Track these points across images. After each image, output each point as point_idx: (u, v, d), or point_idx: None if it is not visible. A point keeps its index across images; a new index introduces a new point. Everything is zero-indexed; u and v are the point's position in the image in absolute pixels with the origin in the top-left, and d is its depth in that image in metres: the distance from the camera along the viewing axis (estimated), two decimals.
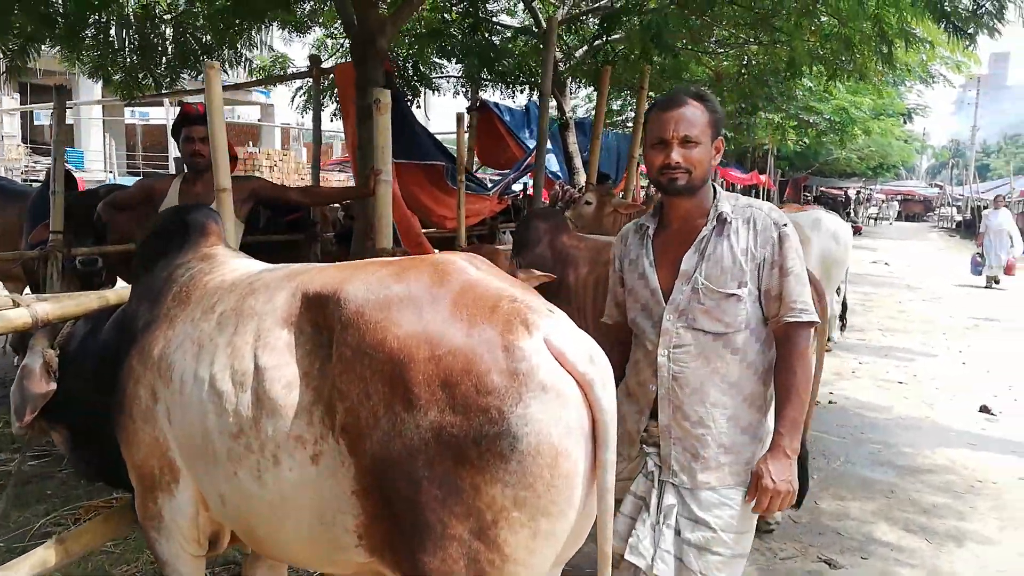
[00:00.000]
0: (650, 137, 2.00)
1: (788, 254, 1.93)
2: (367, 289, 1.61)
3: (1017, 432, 5.46)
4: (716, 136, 2.00)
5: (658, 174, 1.98)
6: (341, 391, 1.57)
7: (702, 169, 1.97)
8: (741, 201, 2.04)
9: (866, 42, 6.13)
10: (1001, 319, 10.51)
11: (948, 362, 7.70)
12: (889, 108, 16.37)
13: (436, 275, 1.62)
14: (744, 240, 1.96)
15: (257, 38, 8.38)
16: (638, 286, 2.09)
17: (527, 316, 1.53)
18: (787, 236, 1.95)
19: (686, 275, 1.98)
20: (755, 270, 1.96)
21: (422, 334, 1.51)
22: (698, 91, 2.00)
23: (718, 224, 1.99)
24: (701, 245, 1.98)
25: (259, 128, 26.33)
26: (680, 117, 1.94)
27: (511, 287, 1.64)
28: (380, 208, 3.66)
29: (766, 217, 1.98)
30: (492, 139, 9.72)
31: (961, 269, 15.83)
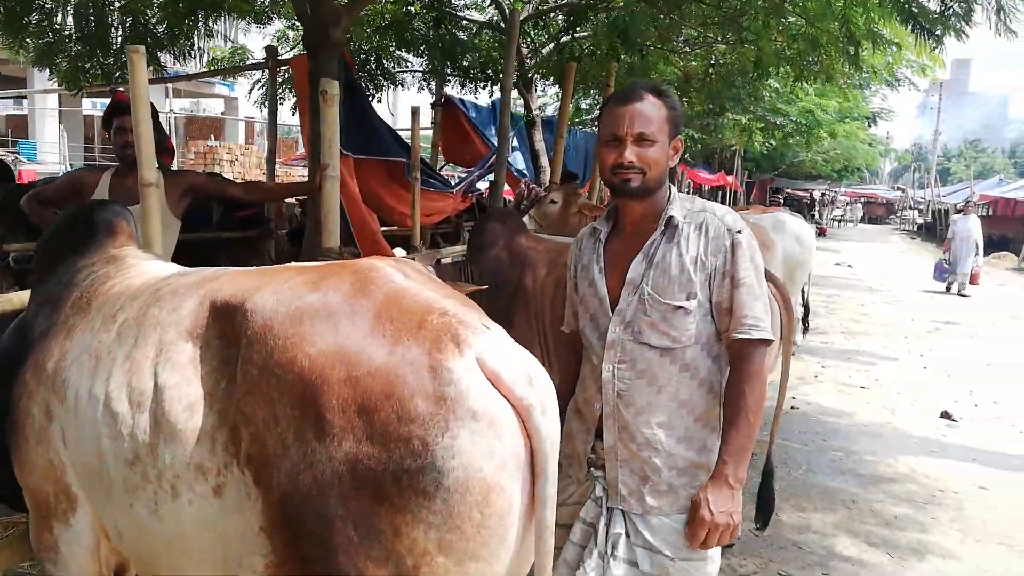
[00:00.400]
0: (603, 133, 1.85)
1: (741, 263, 1.78)
2: (277, 300, 1.42)
3: (977, 439, 5.44)
4: (674, 134, 1.85)
5: (610, 173, 1.83)
6: (246, 415, 1.39)
7: (657, 170, 1.81)
8: (696, 205, 1.89)
9: (833, 43, 6.07)
10: (961, 323, 10.60)
11: (910, 366, 7.70)
12: (854, 111, 16.52)
13: (357, 284, 1.43)
14: (695, 247, 1.81)
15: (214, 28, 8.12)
16: (588, 294, 1.94)
17: (458, 332, 1.35)
18: (740, 244, 1.79)
19: (632, 284, 1.84)
20: (706, 280, 1.80)
21: (338, 352, 1.33)
22: (656, 85, 1.86)
23: (668, 229, 1.84)
24: (650, 251, 1.84)
25: (222, 121, 25.76)
26: (636, 112, 1.79)
27: (443, 298, 1.46)
28: (327, 205, 3.47)
29: (719, 223, 1.82)
30: (457, 135, 9.52)
31: (923, 272, 16.03)
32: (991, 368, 7.75)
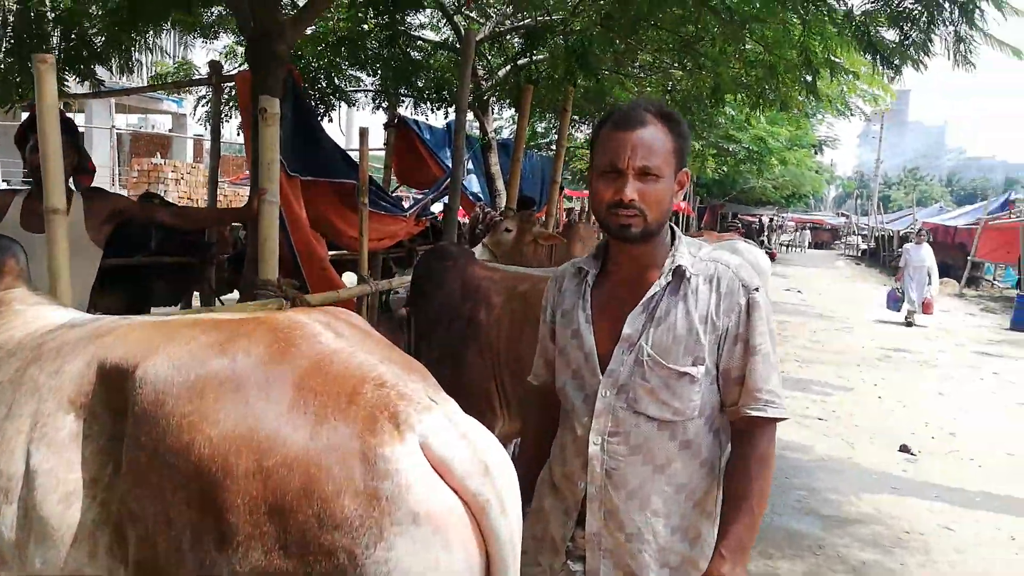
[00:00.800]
0: (599, 161, 1.55)
1: (757, 327, 1.53)
2: (173, 366, 1.16)
3: (937, 474, 5.36)
4: (680, 167, 1.58)
5: (606, 212, 1.54)
6: (133, 512, 1.12)
7: (661, 210, 1.54)
8: (704, 252, 1.62)
9: (791, 71, 6.03)
10: (911, 350, 10.71)
11: (864, 396, 7.67)
12: (803, 139, 16.85)
13: (275, 346, 1.17)
14: (705, 304, 1.55)
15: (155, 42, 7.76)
16: (570, 346, 1.66)
17: (398, 408, 1.10)
18: (757, 305, 1.54)
19: (629, 341, 1.56)
20: (715, 343, 1.55)
21: (246, 435, 1.07)
22: (662, 107, 1.58)
23: (674, 279, 1.57)
24: (651, 305, 1.57)
25: (170, 139, 25.01)
26: (639, 141, 1.51)
27: (380, 363, 1.20)
28: (264, 232, 3.19)
29: (733, 277, 1.56)
30: (410, 157, 9.30)
31: (870, 298, 16.30)
32: (943, 397, 7.78)
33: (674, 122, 1.57)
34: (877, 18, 5.04)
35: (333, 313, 1.37)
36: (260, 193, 3.19)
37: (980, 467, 5.56)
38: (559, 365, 1.70)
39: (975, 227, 19.98)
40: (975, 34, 4.68)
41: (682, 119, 1.60)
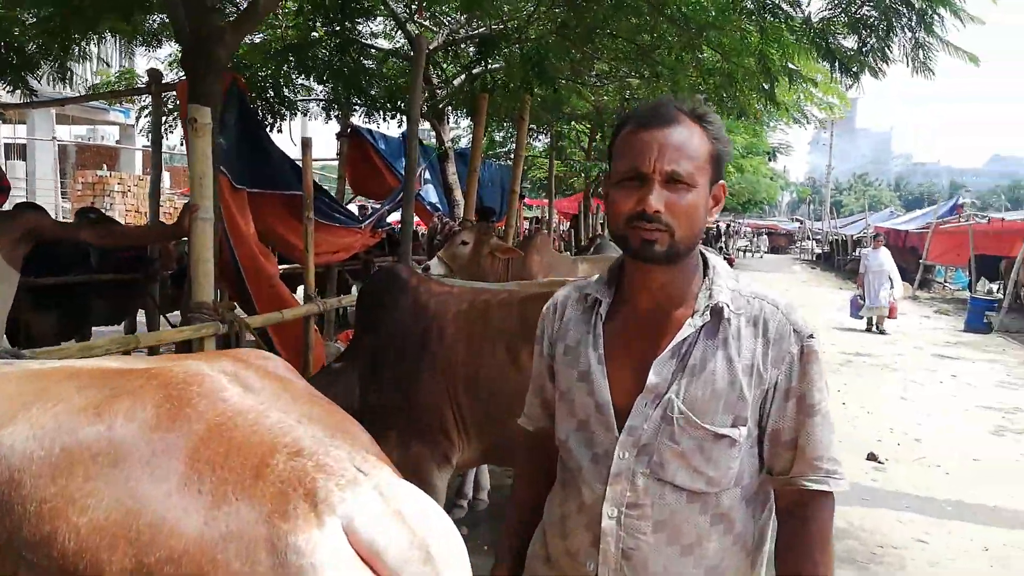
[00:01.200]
0: (618, 167, 1.29)
1: (814, 381, 1.28)
2: (35, 436, 0.93)
3: (906, 482, 5.30)
4: (717, 178, 1.31)
5: (625, 225, 1.27)
6: None
7: (692, 227, 1.26)
8: (743, 285, 1.35)
9: (749, 78, 5.98)
10: (871, 354, 10.78)
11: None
12: (758, 146, 17.01)
13: (166, 406, 0.96)
14: (749, 351, 1.28)
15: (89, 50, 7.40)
16: (577, 391, 1.36)
17: (316, 485, 0.89)
18: (814, 354, 1.29)
19: (655, 392, 1.28)
20: (760, 399, 1.29)
21: (122, 524, 0.85)
22: (696, 106, 1.32)
23: (712, 319, 1.30)
24: (683, 349, 1.29)
25: (117, 150, 24.26)
26: (668, 141, 1.25)
27: (300, 423, 0.99)
28: (197, 252, 2.94)
29: (783, 320, 1.30)
30: (365, 168, 9.06)
31: (825, 301, 16.47)
32: (906, 402, 7.79)
33: (710, 123, 1.30)
34: (835, 25, 5.00)
35: (245, 360, 1.15)
36: (191, 210, 2.95)
37: (947, 474, 5.51)
38: (561, 412, 1.41)
39: (926, 231, 20.39)
40: (933, 41, 4.66)
41: (720, 121, 1.34)
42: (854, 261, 30.12)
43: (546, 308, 1.51)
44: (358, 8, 6.93)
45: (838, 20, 4.76)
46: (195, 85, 4.32)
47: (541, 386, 1.51)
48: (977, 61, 5.06)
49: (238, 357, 1.19)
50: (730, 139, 1.36)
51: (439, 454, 2.92)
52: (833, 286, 23.52)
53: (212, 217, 2.98)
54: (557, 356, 1.44)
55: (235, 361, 1.13)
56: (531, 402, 1.55)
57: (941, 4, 4.28)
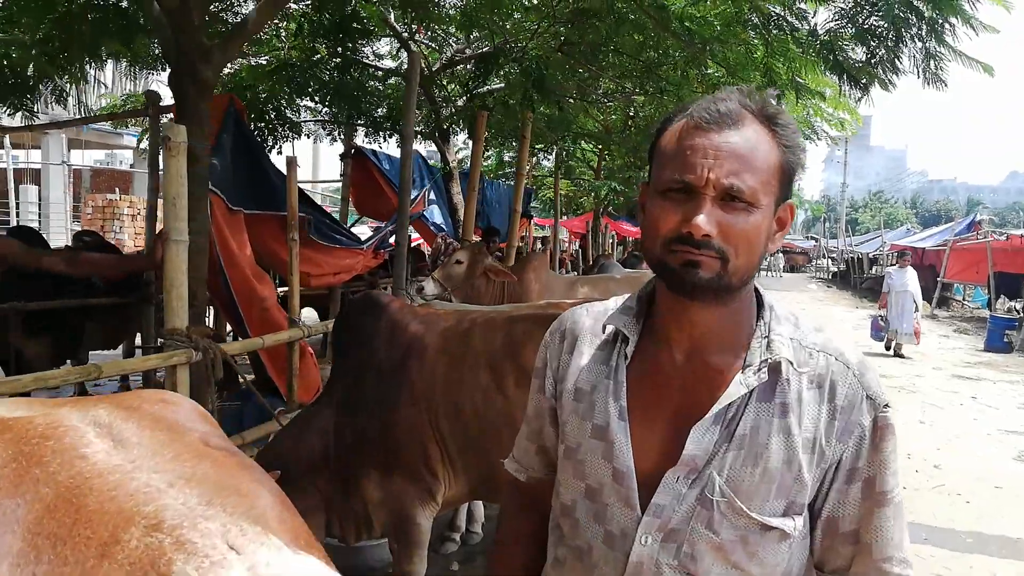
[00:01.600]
0: (661, 173, 1.04)
1: (887, 464, 1.04)
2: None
3: (924, 513, 5.05)
4: (785, 196, 1.06)
5: (663, 249, 1.02)
6: None
7: (750, 257, 1.02)
8: (806, 332, 1.09)
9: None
10: (888, 375, 10.48)
11: None
12: None
13: (12, 466, 0.80)
14: (812, 421, 1.03)
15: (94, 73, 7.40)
16: (590, 451, 1.11)
17: (171, 569, 0.71)
18: (889, 428, 1.05)
19: (692, 465, 1.03)
20: (818, 479, 1.04)
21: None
22: (765, 103, 1.05)
23: (770, 377, 1.04)
24: (729, 413, 1.03)
25: (131, 174, 24.44)
26: (727, 147, 0.99)
27: (172, 486, 0.83)
28: (169, 278, 2.81)
29: (855, 383, 1.05)
30: (369, 188, 8.99)
31: (840, 319, 16.16)
32: (924, 427, 7.52)
33: (782, 126, 1.04)
34: (842, 36, 4.85)
35: (132, 406, 0.99)
36: (164, 236, 2.83)
37: (968, 503, 5.26)
38: (565, 471, 1.14)
39: (943, 248, 20.07)
40: (944, 51, 4.49)
41: (794, 123, 1.07)
42: (870, 279, 29.84)
43: (550, 334, 1.24)
44: (358, 29, 6.88)
45: (845, 31, 4.61)
46: (183, 105, 4.23)
47: (539, 430, 1.25)
48: (992, 71, 4.88)
49: (124, 403, 1.01)
50: (805, 148, 1.09)
51: (422, 490, 2.75)
52: (849, 305, 23.18)
53: (186, 240, 2.85)
54: (564, 399, 1.17)
55: (115, 409, 0.96)
56: (523, 446, 1.29)
57: (952, 13, 4.13)
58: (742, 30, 5.30)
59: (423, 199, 9.37)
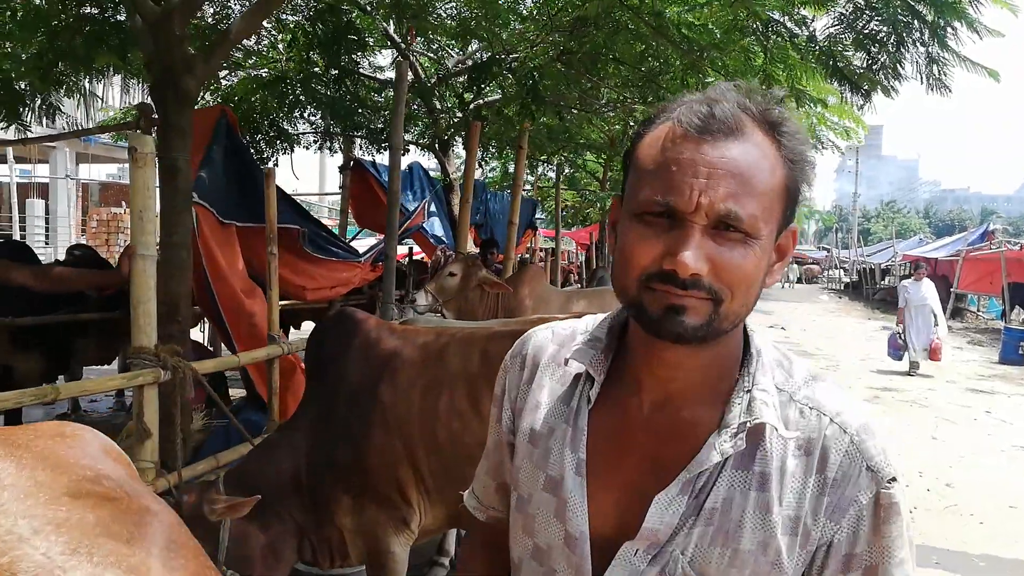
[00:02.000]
0: (639, 190, 0.86)
1: (893, 552, 0.86)
2: None
3: (936, 535, 4.86)
4: (788, 220, 0.89)
5: (641, 288, 0.85)
6: None
7: (747, 297, 0.85)
8: (798, 382, 0.92)
9: None
10: (900, 389, 10.28)
11: None
12: None
13: None
14: (795, 494, 0.87)
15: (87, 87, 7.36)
16: (541, 505, 0.96)
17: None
18: (894, 507, 0.87)
19: (652, 540, 0.88)
20: (804, 563, 0.88)
21: None
22: (767, 107, 0.86)
23: (749, 441, 0.88)
24: (699, 484, 0.88)
25: None
26: (724, 165, 0.82)
27: (36, 533, 0.75)
28: (136, 294, 2.70)
29: (852, 451, 0.87)
30: (368, 200, 8.92)
31: (852, 331, 15.92)
32: (937, 443, 7.31)
33: (787, 134, 0.86)
34: (842, 42, 4.72)
35: (17, 443, 0.90)
36: (130, 251, 2.73)
37: (981, 523, 5.07)
38: (516, 523, 1.00)
39: (956, 259, 19.80)
40: (948, 56, 4.35)
41: (801, 129, 0.88)
42: (883, 290, 29.54)
43: (510, 357, 1.08)
44: (354, 40, 6.81)
45: (845, 37, 4.48)
46: (165, 117, 4.15)
47: (498, 464, 1.10)
48: (997, 76, 4.72)
49: (12, 440, 0.92)
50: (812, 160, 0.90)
51: (397, 519, 2.62)
52: (861, 316, 22.90)
53: (154, 254, 2.75)
54: (519, 439, 1.02)
55: (8, 447, 0.88)
56: (483, 482, 1.14)
57: (955, 16, 3.99)
58: (741, 37, 5.18)
59: (423, 211, 9.28)
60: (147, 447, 2.70)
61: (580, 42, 6.28)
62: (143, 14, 3.93)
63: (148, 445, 2.70)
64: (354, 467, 2.56)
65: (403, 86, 4.30)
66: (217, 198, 4.93)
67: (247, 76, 7.88)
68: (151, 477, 2.69)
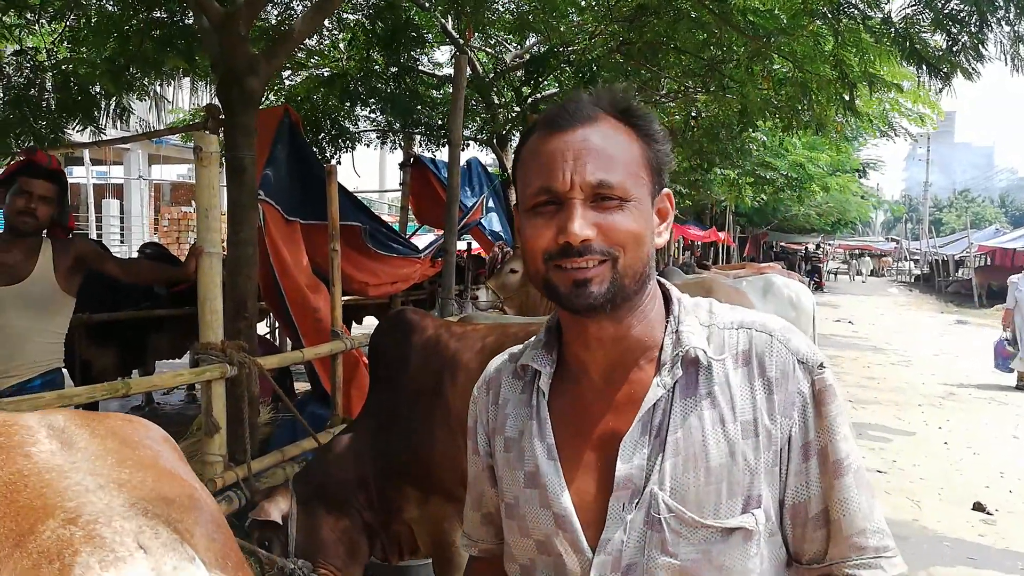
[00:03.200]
0: (527, 190, 0.97)
1: (836, 428, 0.95)
2: None
3: (1018, 538, 4.62)
4: (659, 186, 0.99)
5: (546, 267, 0.95)
6: None
7: (639, 253, 0.95)
8: (721, 315, 1.02)
9: (825, 88, 5.49)
10: (976, 384, 9.83)
11: (929, 443, 6.89)
12: (845, 164, 16.14)
13: None
14: (747, 401, 0.95)
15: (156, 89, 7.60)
16: (527, 502, 1.01)
17: (75, 560, 0.74)
18: (829, 390, 0.96)
19: (629, 486, 0.94)
20: (773, 464, 0.94)
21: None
22: (615, 94, 0.99)
23: (685, 373, 0.97)
24: (655, 420, 0.95)
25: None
26: (586, 145, 0.93)
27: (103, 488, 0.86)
28: (203, 291, 2.76)
29: (782, 350, 0.97)
30: (428, 197, 8.98)
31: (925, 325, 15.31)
32: (1018, 442, 6.96)
33: (638, 117, 0.98)
34: (919, 23, 4.49)
35: (95, 419, 1.03)
36: (196, 251, 2.78)
37: None
38: (511, 532, 1.04)
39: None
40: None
41: (651, 115, 1.01)
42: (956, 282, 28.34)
43: (477, 388, 1.15)
44: (414, 37, 6.84)
45: (923, 17, 4.26)
46: (231, 117, 4.23)
47: (480, 496, 1.15)
48: None
49: (86, 415, 1.06)
50: (667, 137, 1.01)
51: (461, 512, 2.61)
52: (933, 309, 22.04)
53: (220, 251, 2.80)
54: (496, 454, 1.07)
55: (73, 418, 1.00)
56: (469, 517, 1.19)
57: None
58: (810, 20, 4.99)
59: (481, 206, 9.29)
60: (215, 441, 2.75)
61: (640, 32, 6.16)
62: (209, 15, 4.02)
63: (216, 439, 2.76)
64: (420, 463, 2.57)
65: (461, 81, 4.29)
66: (282, 196, 5.02)
67: (309, 75, 8.01)
68: (220, 470, 2.75)
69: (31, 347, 3.00)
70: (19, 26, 6.34)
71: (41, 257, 3.09)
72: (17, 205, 3.02)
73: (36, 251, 3.07)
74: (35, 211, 3.02)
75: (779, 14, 5.21)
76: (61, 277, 3.12)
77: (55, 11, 6.21)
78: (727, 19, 5.36)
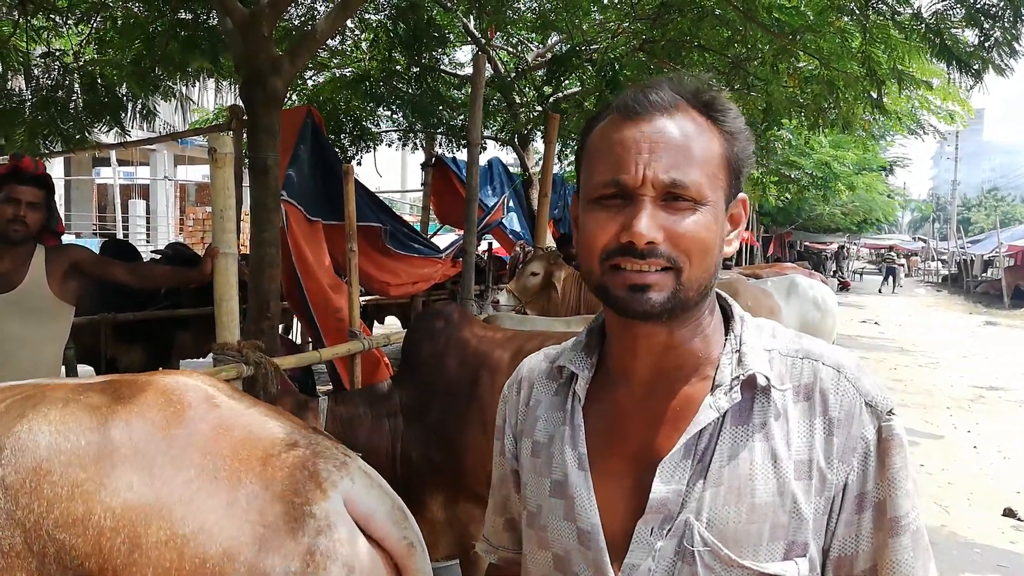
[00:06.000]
0: (592, 179, 0.90)
1: (899, 482, 0.85)
2: (57, 432, 1.06)
3: None
4: (735, 189, 0.92)
5: (603, 267, 0.88)
6: None
7: (705, 262, 0.88)
8: (785, 340, 0.93)
9: (852, 85, 5.39)
10: (1006, 387, 9.64)
11: (957, 446, 6.76)
12: (871, 162, 15.91)
13: (169, 408, 1.13)
14: (804, 439, 0.87)
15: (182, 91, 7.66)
16: (550, 513, 0.95)
17: (317, 467, 1.13)
18: (895, 439, 0.87)
19: (664, 511, 0.87)
20: (824, 511, 0.86)
21: (155, 504, 1.01)
22: (699, 88, 0.91)
23: (743, 397, 0.88)
24: (701, 444, 0.88)
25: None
26: (663, 139, 0.86)
27: (283, 423, 1.20)
28: (219, 292, 2.76)
29: (849, 390, 0.88)
30: (449, 197, 8.99)
31: (953, 325, 15.03)
32: None
33: (721, 112, 0.90)
34: (951, 18, 4.40)
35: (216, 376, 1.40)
36: (212, 252, 2.78)
37: None
38: (529, 542, 0.98)
39: None
40: None
41: (735, 110, 0.92)
42: (985, 283, 27.80)
43: (507, 387, 1.09)
44: (435, 37, 6.83)
45: (954, 12, 4.16)
46: (254, 117, 4.25)
47: (504, 499, 1.09)
48: None
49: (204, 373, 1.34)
50: (750, 135, 0.93)
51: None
52: (962, 310, 21.67)
53: (235, 253, 2.80)
54: (523, 458, 1.01)
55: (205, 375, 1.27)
56: (491, 521, 1.13)
57: None
58: (837, 17, 4.90)
59: (502, 206, 9.27)
60: None
61: (663, 30, 6.11)
62: (233, 16, 4.03)
63: None
64: (451, 464, 2.56)
65: (481, 80, 4.27)
66: (304, 196, 5.04)
67: (331, 76, 8.04)
68: None
69: (25, 354, 2.98)
70: (47, 28, 6.42)
71: (33, 264, 3.07)
72: (6, 213, 2.98)
73: (28, 258, 3.06)
74: (25, 218, 2.99)
75: (805, 11, 5.12)
76: (55, 284, 3.11)
77: (82, 13, 6.28)
78: (752, 16, 5.28)
